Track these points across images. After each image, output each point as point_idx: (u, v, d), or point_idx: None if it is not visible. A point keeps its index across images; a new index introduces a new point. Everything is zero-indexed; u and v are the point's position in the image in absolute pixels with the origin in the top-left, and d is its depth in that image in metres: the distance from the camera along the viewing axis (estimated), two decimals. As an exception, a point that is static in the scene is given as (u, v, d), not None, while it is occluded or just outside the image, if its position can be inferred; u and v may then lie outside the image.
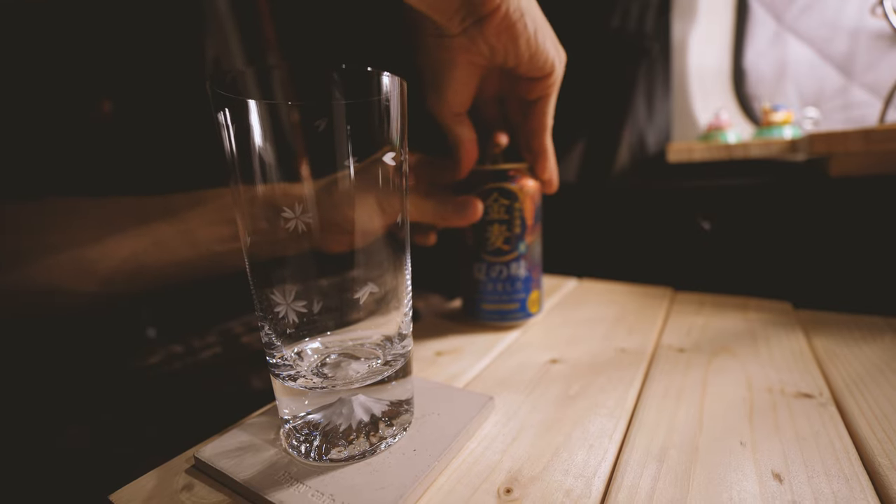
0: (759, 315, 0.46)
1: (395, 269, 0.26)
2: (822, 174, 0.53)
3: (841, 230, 0.54)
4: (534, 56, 0.34)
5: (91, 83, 0.44)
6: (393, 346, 0.26)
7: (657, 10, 0.68)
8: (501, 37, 0.32)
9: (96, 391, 0.41)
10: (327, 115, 0.21)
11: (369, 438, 0.25)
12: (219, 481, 0.24)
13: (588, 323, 0.45)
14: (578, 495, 0.22)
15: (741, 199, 0.60)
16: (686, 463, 0.24)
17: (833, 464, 0.24)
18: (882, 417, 0.27)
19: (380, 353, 0.26)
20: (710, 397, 0.31)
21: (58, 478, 0.33)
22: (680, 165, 0.69)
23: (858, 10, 0.65)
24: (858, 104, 0.67)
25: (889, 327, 0.41)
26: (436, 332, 0.45)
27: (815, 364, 0.35)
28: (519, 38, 0.33)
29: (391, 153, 0.24)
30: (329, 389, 0.24)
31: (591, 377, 0.34)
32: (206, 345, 0.53)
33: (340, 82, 0.22)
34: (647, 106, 0.71)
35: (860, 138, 0.48)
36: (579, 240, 0.73)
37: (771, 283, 0.56)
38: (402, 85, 0.24)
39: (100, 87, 0.45)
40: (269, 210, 0.22)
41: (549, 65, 0.36)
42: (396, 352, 0.26)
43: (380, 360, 0.26)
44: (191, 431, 0.28)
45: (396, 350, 0.26)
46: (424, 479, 0.23)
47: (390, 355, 0.26)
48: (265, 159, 0.22)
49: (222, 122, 0.21)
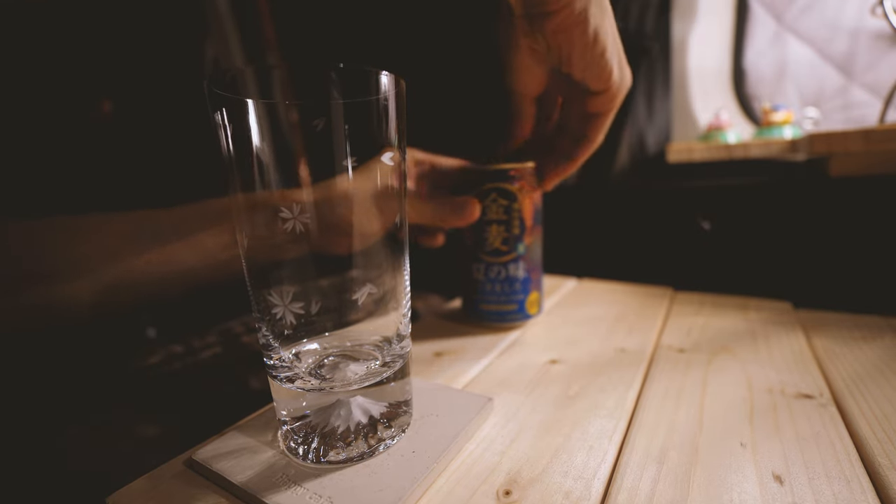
0: (760, 315, 0.45)
1: (394, 269, 0.26)
2: (822, 174, 0.53)
3: (841, 230, 0.54)
4: (589, 67, 0.34)
5: (91, 83, 0.44)
6: (391, 347, 0.26)
7: (657, 10, 0.68)
8: (558, 37, 0.32)
9: (96, 391, 0.41)
10: (326, 115, 0.21)
11: (368, 440, 0.25)
12: (216, 483, 0.24)
13: (588, 323, 0.45)
14: (578, 497, 0.22)
15: (741, 199, 0.60)
16: (686, 464, 0.24)
17: (834, 465, 0.23)
18: (882, 418, 0.27)
19: (378, 354, 0.26)
20: (710, 398, 0.30)
21: (57, 478, 0.33)
22: (680, 165, 0.69)
23: (858, 10, 0.65)
24: (858, 104, 0.67)
25: (889, 327, 0.41)
26: (435, 332, 0.45)
27: (816, 364, 0.35)
28: (575, 44, 0.32)
29: (390, 153, 0.23)
30: (327, 391, 0.24)
31: (590, 377, 0.34)
32: (206, 345, 0.52)
33: (339, 81, 0.22)
34: (647, 106, 0.71)
35: (860, 138, 0.48)
36: (579, 240, 0.73)
37: (771, 283, 0.56)
38: (400, 84, 0.24)
39: (100, 87, 0.44)
40: (266, 211, 0.22)
41: (606, 80, 0.35)
42: (395, 353, 0.26)
43: (378, 361, 0.26)
44: (189, 433, 0.28)
45: (395, 351, 0.26)
46: (423, 481, 0.23)
47: (389, 356, 0.26)
48: (263, 159, 0.22)
49: (220, 122, 0.21)
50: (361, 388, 0.24)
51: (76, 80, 0.43)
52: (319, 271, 0.24)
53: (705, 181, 0.64)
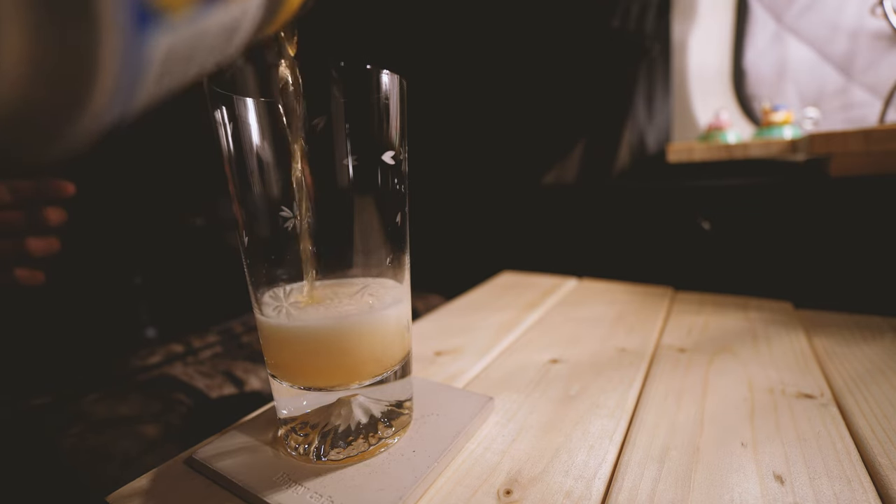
0: (760, 315, 0.45)
1: (394, 268, 0.26)
2: (822, 174, 0.53)
3: (841, 230, 0.54)
4: None
5: None
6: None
7: (657, 10, 0.68)
8: None
9: (96, 391, 0.41)
10: (326, 114, 0.21)
11: (368, 439, 0.24)
12: (216, 483, 0.24)
13: (588, 323, 0.45)
14: (579, 497, 0.22)
15: (741, 199, 0.60)
16: (687, 464, 0.24)
17: (834, 465, 0.23)
18: (883, 418, 0.27)
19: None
20: (711, 398, 0.30)
21: (57, 478, 0.33)
22: (680, 165, 0.69)
23: (858, 10, 0.64)
24: (858, 104, 0.66)
25: (889, 327, 0.41)
26: (436, 332, 0.45)
27: (816, 364, 0.35)
28: None
29: (390, 152, 0.23)
30: (327, 390, 0.24)
31: (591, 377, 0.34)
32: (206, 344, 0.52)
33: (339, 80, 0.22)
34: (647, 106, 0.71)
35: (860, 138, 0.48)
36: (579, 240, 0.73)
37: (771, 282, 0.56)
38: (401, 83, 0.24)
39: None
40: (266, 209, 0.22)
41: None
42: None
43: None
44: (189, 432, 0.28)
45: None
46: (424, 481, 0.23)
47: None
48: (262, 157, 0.22)
49: (219, 120, 0.21)
50: (362, 388, 0.24)
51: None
52: (319, 270, 0.24)
53: (705, 181, 0.64)
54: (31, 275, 0.33)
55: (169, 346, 0.50)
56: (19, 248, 0.32)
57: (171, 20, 0.09)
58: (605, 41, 0.70)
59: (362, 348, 0.23)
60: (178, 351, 0.50)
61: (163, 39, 0.09)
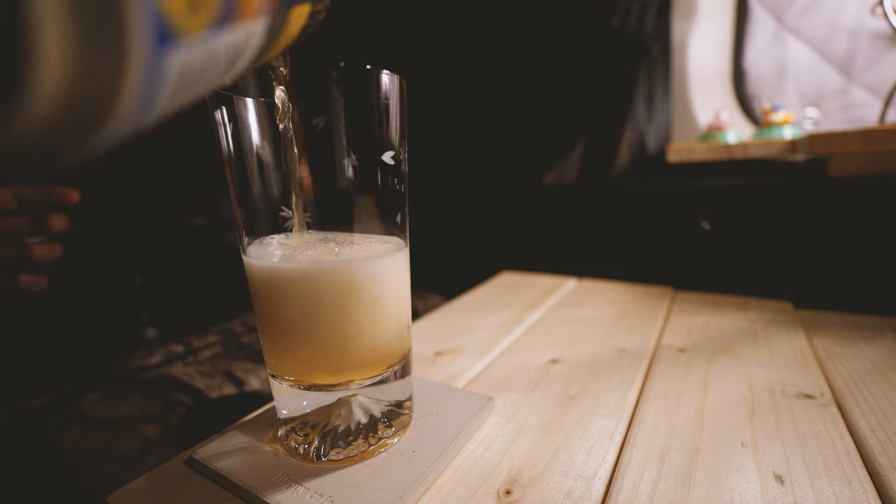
0: (760, 315, 0.45)
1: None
2: (822, 174, 0.53)
3: (841, 230, 0.54)
4: None
5: None
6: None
7: (657, 10, 0.68)
8: None
9: (96, 391, 0.40)
10: (326, 114, 0.21)
11: (368, 439, 0.24)
12: (216, 482, 0.24)
13: (588, 323, 0.45)
14: (579, 497, 0.22)
15: (741, 199, 0.60)
16: (687, 464, 0.24)
17: (834, 465, 0.23)
18: (882, 418, 0.27)
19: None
20: (711, 397, 0.30)
21: (57, 478, 0.33)
22: (680, 165, 0.69)
23: (858, 10, 0.64)
24: (858, 104, 0.66)
25: (889, 327, 0.41)
26: (436, 332, 0.45)
27: (816, 364, 0.35)
28: None
29: (390, 152, 0.23)
30: (327, 390, 0.24)
31: (591, 377, 0.34)
32: (206, 344, 0.52)
33: (339, 80, 0.22)
34: (647, 106, 0.71)
35: (860, 138, 0.48)
36: (579, 240, 0.73)
37: (771, 282, 0.56)
38: (401, 83, 0.24)
39: None
40: (266, 209, 0.22)
41: None
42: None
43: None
44: (189, 432, 0.28)
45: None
46: (424, 481, 0.23)
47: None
48: (262, 157, 0.22)
49: (219, 120, 0.21)
50: (362, 388, 0.24)
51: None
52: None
53: (705, 181, 0.64)
54: (35, 280, 0.34)
55: (169, 346, 0.50)
56: (23, 253, 0.32)
57: (187, 40, 0.10)
58: (605, 41, 0.70)
59: (361, 309, 0.23)
60: (178, 351, 0.50)
61: (179, 57, 0.10)
